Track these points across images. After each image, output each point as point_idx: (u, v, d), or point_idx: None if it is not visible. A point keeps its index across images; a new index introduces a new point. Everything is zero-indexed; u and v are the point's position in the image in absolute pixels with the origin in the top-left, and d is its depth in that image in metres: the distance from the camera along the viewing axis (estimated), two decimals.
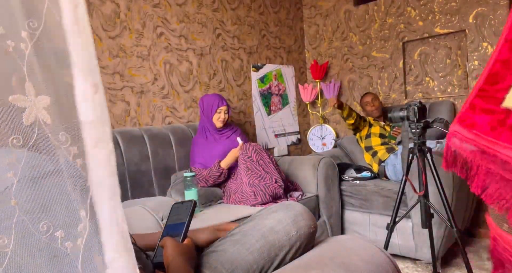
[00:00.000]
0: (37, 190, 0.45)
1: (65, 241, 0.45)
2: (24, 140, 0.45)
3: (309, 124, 3.59)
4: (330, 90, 3.28)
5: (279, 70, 3.28)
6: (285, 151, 3.29)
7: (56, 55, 0.45)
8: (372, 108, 2.73)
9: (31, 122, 0.45)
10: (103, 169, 0.42)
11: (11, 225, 0.42)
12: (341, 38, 3.33)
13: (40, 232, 0.44)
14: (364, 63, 3.21)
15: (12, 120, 0.44)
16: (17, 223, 0.43)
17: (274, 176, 2.00)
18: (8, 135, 0.44)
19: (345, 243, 0.90)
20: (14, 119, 0.44)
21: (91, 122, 0.41)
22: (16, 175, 0.43)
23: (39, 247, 0.43)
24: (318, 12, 3.46)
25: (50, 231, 0.44)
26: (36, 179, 0.45)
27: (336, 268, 0.77)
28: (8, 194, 0.43)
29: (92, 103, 0.41)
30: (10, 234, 0.42)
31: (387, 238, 1.78)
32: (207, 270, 0.77)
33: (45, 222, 0.44)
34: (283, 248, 0.82)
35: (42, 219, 0.44)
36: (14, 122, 0.44)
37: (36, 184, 0.45)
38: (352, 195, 2.47)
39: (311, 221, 0.88)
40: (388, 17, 3.03)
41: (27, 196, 0.44)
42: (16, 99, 0.44)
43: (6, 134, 0.44)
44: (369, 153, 2.64)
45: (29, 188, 0.44)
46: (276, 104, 3.26)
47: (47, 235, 0.44)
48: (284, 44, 3.36)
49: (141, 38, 2.34)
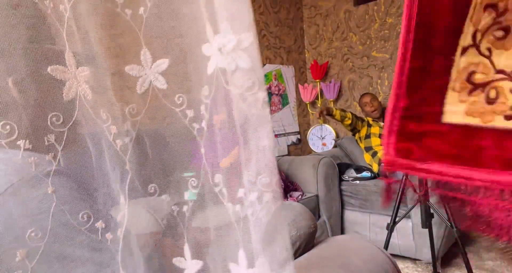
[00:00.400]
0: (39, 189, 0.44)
1: (106, 232, 0.44)
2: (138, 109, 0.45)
3: (309, 124, 3.58)
4: (330, 90, 3.28)
5: (279, 70, 3.28)
6: (285, 151, 3.29)
7: None
8: (371, 109, 2.73)
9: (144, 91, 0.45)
10: None
11: (48, 216, 0.41)
12: (341, 38, 3.33)
13: (80, 223, 0.43)
14: (364, 63, 3.21)
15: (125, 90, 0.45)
16: (55, 214, 0.42)
17: None
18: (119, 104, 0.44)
19: (345, 243, 0.90)
20: (129, 88, 0.45)
21: None
22: (15, 174, 0.43)
23: (79, 239, 0.42)
24: (318, 12, 3.46)
25: (90, 222, 0.43)
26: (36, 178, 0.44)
27: (336, 268, 0.77)
28: (45, 182, 0.42)
29: None
30: (46, 226, 0.41)
31: (387, 238, 1.78)
32: None
33: (85, 212, 0.43)
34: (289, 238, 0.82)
35: (82, 209, 0.43)
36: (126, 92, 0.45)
37: (36, 183, 0.44)
38: (352, 195, 2.47)
39: (311, 221, 0.88)
40: (388, 17, 3.03)
41: (65, 183, 0.43)
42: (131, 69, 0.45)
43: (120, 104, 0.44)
44: (369, 153, 2.64)
45: (29, 187, 0.43)
46: (276, 104, 3.26)
47: (87, 226, 0.43)
48: (284, 44, 3.36)
49: None
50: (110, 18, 0.46)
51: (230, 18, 0.42)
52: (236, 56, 0.42)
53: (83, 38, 0.45)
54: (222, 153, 0.49)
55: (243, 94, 0.42)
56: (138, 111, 0.48)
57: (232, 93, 0.43)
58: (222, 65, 0.43)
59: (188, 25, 0.47)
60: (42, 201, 0.42)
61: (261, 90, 0.43)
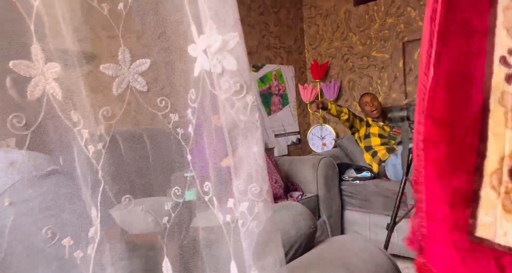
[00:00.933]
0: (39, 189, 0.42)
1: (74, 250, 0.40)
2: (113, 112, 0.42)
3: (309, 124, 3.58)
4: (330, 90, 3.28)
5: (279, 70, 3.28)
6: (285, 151, 3.29)
7: None
8: (371, 109, 2.73)
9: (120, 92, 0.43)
10: None
11: (5, 230, 0.38)
12: (341, 38, 3.33)
13: (44, 239, 0.39)
14: (364, 63, 3.21)
15: (100, 90, 0.42)
16: (13, 228, 0.39)
17: (274, 176, 2.00)
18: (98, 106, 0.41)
19: (345, 243, 0.90)
20: (104, 89, 0.42)
21: None
22: (15, 174, 0.42)
23: (42, 256, 0.39)
24: (318, 12, 3.46)
25: (55, 239, 0.40)
26: (36, 178, 0.43)
27: (336, 268, 0.77)
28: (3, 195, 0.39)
29: None
30: (3, 240, 0.38)
31: (387, 238, 1.78)
32: None
33: (49, 227, 0.40)
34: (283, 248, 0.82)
35: (45, 224, 0.40)
36: (101, 93, 0.42)
37: (36, 183, 0.43)
38: (352, 195, 2.47)
39: (311, 221, 0.88)
40: (388, 17, 3.03)
41: (28, 195, 0.41)
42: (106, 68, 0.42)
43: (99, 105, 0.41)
44: (368, 153, 2.64)
45: (29, 187, 0.43)
46: (276, 104, 3.25)
47: (52, 243, 0.39)
48: (284, 44, 3.36)
49: None
50: (85, 12, 0.42)
51: (214, 17, 0.39)
52: (222, 58, 0.40)
53: (54, 31, 0.41)
54: (214, 158, 0.47)
55: (230, 98, 0.40)
56: (114, 114, 0.44)
57: (219, 98, 0.41)
58: (207, 68, 0.41)
59: (173, 24, 0.44)
60: None
61: (249, 94, 0.41)
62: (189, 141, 0.46)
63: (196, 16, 0.41)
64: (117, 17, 0.42)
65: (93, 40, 0.46)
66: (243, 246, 0.43)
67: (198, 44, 0.42)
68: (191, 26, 0.41)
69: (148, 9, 0.44)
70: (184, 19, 0.42)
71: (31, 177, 0.44)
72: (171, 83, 0.47)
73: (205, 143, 0.46)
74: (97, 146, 0.42)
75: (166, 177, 0.47)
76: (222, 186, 0.46)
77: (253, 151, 0.41)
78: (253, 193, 0.42)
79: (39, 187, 0.43)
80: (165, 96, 0.47)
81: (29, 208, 0.41)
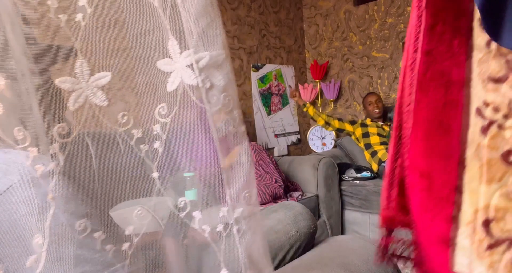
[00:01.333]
0: (39, 190, 0.41)
1: None
2: None
3: (309, 124, 3.58)
4: (330, 90, 3.28)
5: (279, 70, 3.28)
6: (285, 151, 3.29)
7: None
8: (375, 109, 2.74)
9: (78, 108, 0.41)
10: None
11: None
12: (341, 38, 3.33)
13: None
14: (364, 63, 3.21)
15: (54, 105, 0.40)
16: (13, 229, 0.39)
17: (274, 176, 2.00)
18: None
19: (345, 243, 0.90)
20: (59, 104, 0.40)
21: None
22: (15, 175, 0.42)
23: None
24: (318, 12, 3.46)
25: None
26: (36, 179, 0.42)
27: (336, 268, 0.77)
28: None
29: None
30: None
31: None
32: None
33: None
34: (283, 248, 0.82)
35: None
36: (56, 109, 0.40)
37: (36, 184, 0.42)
38: (352, 195, 2.47)
39: (311, 221, 0.88)
40: (388, 17, 3.03)
41: (28, 196, 0.40)
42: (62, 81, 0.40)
43: None
44: (368, 151, 2.64)
45: (29, 188, 0.42)
46: (276, 104, 3.26)
47: None
48: (284, 44, 3.36)
49: None
50: (40, 21, 0.40)
51: (202, 35, 0.40)
52: (210, 74, 0.41)
53: (2, 41, 0.38)
54: (200, 170, 0.47)
55: (219, 112, 0.41)
56: (69, 131, 0.41)
57: (208, 111, 0.41)
58: (192, 83, 0.41)
59: (139, 36, 0.43)
60: None
61: (236, 108, 0.43)
62: (156, 157, 0.44)
63: (178, 31, 0.40)
64: (76, 28, 0.40)
65: (48, 51, 0.42)
66: (240, 250, 0.43)
67: (178, 59, 0.41)
68: (170, 40, 0.41)
69: (110, 20, 0.42)
70: (155, 33, 0.41)
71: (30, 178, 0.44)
72: (136, 97, 0.46)
73: (181, 156, 0.46)
74: (49, 165, 0.40)
75: (127, 198, 0.44)
76: (212, 196, 0.46)
77: (242, 159, 0.43)
78: (246, 199, 0.43)
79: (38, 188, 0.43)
80: (127, 111, 0.45)
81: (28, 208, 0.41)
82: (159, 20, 0.41)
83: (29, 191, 0.41)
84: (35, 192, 0.40)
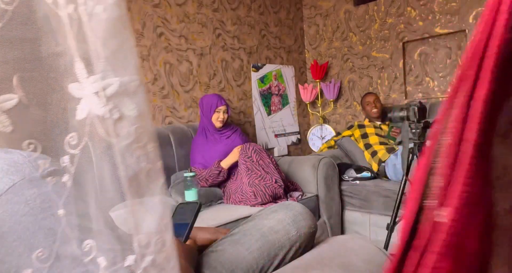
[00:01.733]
0: (40, 189, 0.41)
1: None
2: None
3: (309, 124, 3.58)
4: (330, 90, 3.28)
5: (279, 70, 3.28)
6: (285, 151, 3.29)
7: None
8: (373, 109, 2.74)
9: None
10: None
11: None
12: (341, 38, 3.33)
13: None
14: (364, 63, 3.21)
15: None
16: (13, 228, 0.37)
17: (274, 176, 2.00)
18: None
19: (345, 243, 0.90)
20: None
21: None
22: (15, 175, 0.42)
23: None
24: (318, 12, 3.46)
25: None
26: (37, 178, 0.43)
27: (336, 268, 0.77)
28: None
29: None
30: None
31: (387, 238, 1.78)
32: (206, 270, 0.77)
33: None
34: (283, 248, 0.82)
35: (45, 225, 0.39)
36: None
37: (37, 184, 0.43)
38: (352, 195, 2.47)
39: (311, 221, 0.88)
40: (388, 17, 3.03)
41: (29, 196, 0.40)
42: None
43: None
44: (368, 151, 2.64)
45: (30, 188, 0.43)
46: (276, 104, 3.26)
47: None
48: (284, 44, 3.36)
49: (141, 38, 2.34)
50: None
51: (110, 58, 0.35)
52: (119, 102, 0.36)
53: None
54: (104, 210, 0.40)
55: (130, 146, 0.37)
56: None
57: (116, 146, 0.36)
58: (100, 112, 0.36)
59: (51, 57, 0.39)
60: None
61: (151, 142, 0.38)
62: (63, 192, 0.39)
63: (85, 53, 0.36)
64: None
65: None
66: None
67: (85, 84, 0.37)
68: (76, 63, 0.36)
69: (17, 37, 0.38)
70: (68, 53, 0.37)
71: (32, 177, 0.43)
72: (44, 124, 0.41)
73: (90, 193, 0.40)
74: None
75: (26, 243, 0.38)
76: (117, 242, 0.40)
77: (155, 200, 0.38)
78: (157, 246, 0.38)
79: (39, 187, 0.43)
80: (34, 139, 0.40)
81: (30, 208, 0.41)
82: (68, 40, 0.36)
83: (31, 191, 0.41)
84: (37, 192, 0.41)
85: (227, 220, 1.74)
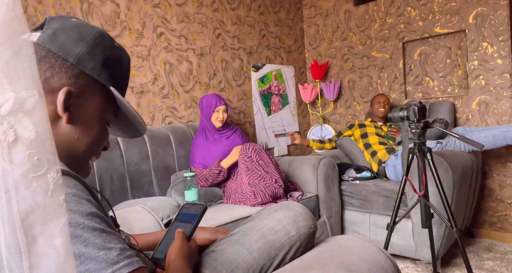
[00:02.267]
0: None
1: None
2: None
3: (309, 124, 3.58)
4: (330, 90, 3.28)
5: (279, 70, 3.28)
6: (285, 151, 3.29)
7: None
8: (380, 108, 2.76)
9: None
10: None
11: None
12: (341, 38, 3.33)
13: None
14: (364, 63, 3.21)
15: None
16: None
17: (274, 176, 2.00)
18: None
19: (345, 243, 0.90)
20: None
21: None
22: None
23: None
24: (318, 12, 3.46)
25: None
26: None
27: (336, 268, 0.77)
28: None
29: None
30: None
31: (387, 238, 1.78)
32: (206, 270, 0.77)
33: None
34: (283, 248, 0.82)
35: None
36: None
37: None
38: (352, 195, 2.47)
39: (311, 221, 0.88)
40: (388, 17, 3.03)
41: None
42: None
43: None
44: (368, 151, 2.64)
45: None
46: (276, 104, 3.26)
47: None
48: (284, 44, 3.36)
49: (141, 38, 2.34)
50: None
51: (4, 69, 0.30)
52: (16, 122, 0.31)
53: None
54: None
55: (25, 176, 0.31)
56: None
57: (11, 174, 0.31)
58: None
59: None
60: None
61: (51, 171, 0.32)
62: None
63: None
64: None
65: None
66: None
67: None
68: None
69: None
70: None
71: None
72: None
73: None
74: None
75: None
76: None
77: (55, 243, 0.32)
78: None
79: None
80: None
81: None
82: None
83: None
84: None
85: (227, 220, 1.74)
